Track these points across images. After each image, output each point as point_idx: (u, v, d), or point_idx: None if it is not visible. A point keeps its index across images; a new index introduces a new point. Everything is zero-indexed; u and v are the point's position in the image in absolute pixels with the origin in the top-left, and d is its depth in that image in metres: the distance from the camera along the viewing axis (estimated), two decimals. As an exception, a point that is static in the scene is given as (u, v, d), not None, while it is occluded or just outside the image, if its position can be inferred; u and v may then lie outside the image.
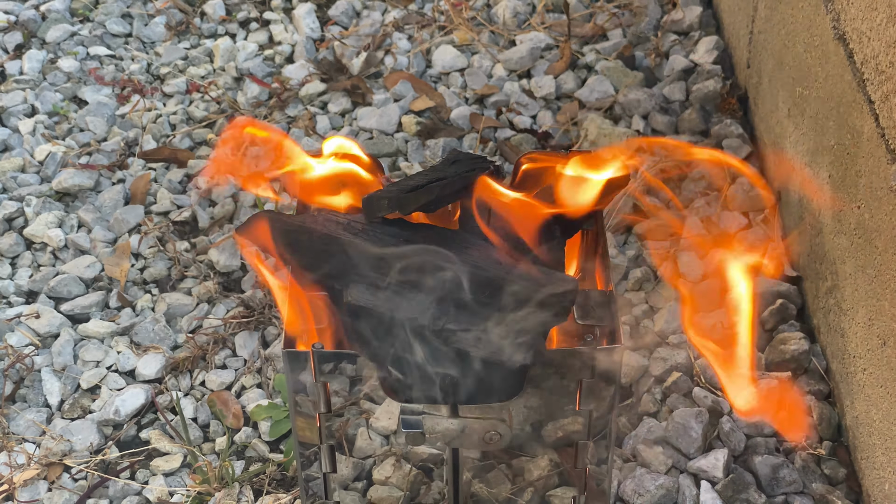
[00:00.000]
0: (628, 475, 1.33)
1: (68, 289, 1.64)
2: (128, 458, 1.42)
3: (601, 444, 1.09)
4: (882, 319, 1.22)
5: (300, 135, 1.87)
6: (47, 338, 1.58)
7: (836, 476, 1.34)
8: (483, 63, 2.02)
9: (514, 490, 1.14)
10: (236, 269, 1.67)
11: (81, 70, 2.07)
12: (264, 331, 1.56)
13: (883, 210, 1.20)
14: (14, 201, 1.78)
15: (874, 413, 1.26)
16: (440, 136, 1.87)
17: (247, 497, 1.35)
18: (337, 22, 2.17)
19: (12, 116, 1.96)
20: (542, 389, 1.05)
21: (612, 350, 1.03)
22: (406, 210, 1.06)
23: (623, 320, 1.54)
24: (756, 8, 1.76)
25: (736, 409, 1.31)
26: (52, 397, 1.50)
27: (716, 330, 1.05)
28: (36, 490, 1.39)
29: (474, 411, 1.05)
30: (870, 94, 1.24)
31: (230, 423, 1.45)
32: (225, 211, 1.76)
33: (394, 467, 1.29)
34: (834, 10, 1.36)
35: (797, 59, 1.53)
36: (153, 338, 1.56)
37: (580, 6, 2.13)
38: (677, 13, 2.05)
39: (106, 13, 2.21)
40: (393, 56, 2.05)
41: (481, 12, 2.14)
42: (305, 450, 1.12)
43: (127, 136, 1.92)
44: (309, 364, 1.04)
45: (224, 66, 2.07)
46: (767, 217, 1.55)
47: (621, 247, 1.65)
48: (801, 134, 1.52)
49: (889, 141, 1.18)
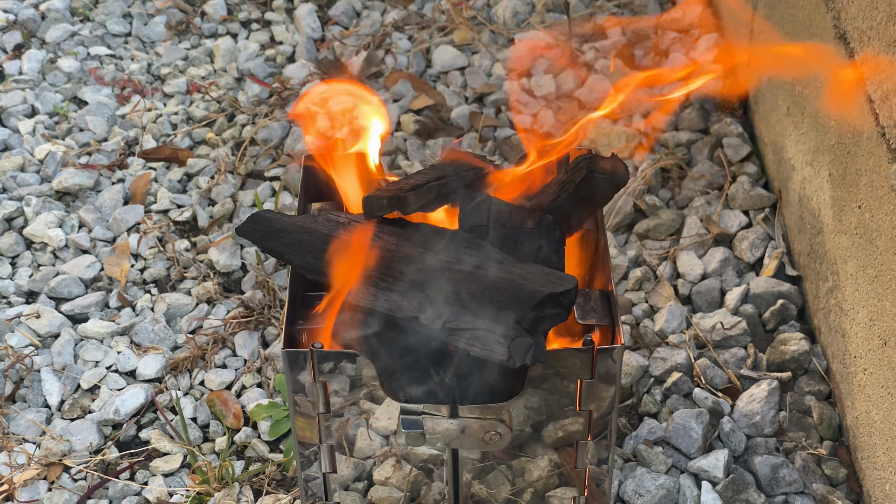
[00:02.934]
0: (629, 475, 1.33)
1: (68, 289, 1.64)
2: (127, 458, 1.42)
3: (601, 445, 1.09)
4: (883, 319, 1.22)
5: (300, 134, 1.87)
6: (47, 338, 1.58)
7: (836, 476, 1.34)
8: (483, 62, 2.02)
9: (514, 490, 1.14)
10: (236, 269, 1.67)
11: (82, 70, 2.07)
12: (264, 331, 1.56)
13: (883, 209, 1.20)
14: (14, 201, 1.78)
15: (875, 413, 1.26)
16: (440, 135, 1.87)
17: (246, 497, 1.35)
18: (337, 22, 2.17)
19: (12, 116, 1.96)
20: (542, 389, 1.05)
21: (612, 350, 1.02)
22: (405, 210, 1.07)
23: (623, 320, 1.54)
24: (756, 6, 1.76)
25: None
26: (52, 397, 1.50)
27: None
28: (36, 490, 1.39)
29: (474, 411, 1.04)
30: (870, 93, 1.23)
31: (230, 423, 1.45)
32: (225, 210, 1.76)
33: (394, 468, 1.29)
34: (834, 9, 1.36)
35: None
36: (153, 338, 1.56)
37: (580, 6, 2.12)
38: (677, 11, 2.05)
39: (106, 13, 2.21)
40: (393, 55, 2.05)
41: (481, 12, 2.14)
42: (305, 450, 1.12)
43: (127, 135, 1.92)
44: (308, 364, 1.04)
45: (225, 66, 2.07)
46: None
47: (621, 247, 1.65)
48: (801, 133, 1.52)
49: (889, 140, 1.18)
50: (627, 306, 1.56)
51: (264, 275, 1.61)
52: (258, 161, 1.85)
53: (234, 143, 1.89)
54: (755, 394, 1.40)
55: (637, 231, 1.66)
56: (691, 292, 1.57)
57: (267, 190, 1.79)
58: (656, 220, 1.66)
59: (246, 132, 1.90)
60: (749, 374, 1.44)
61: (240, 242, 1.69)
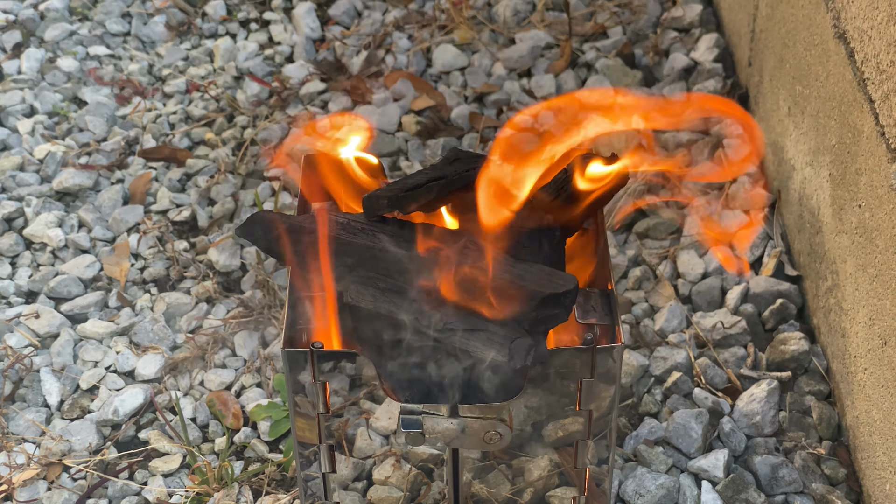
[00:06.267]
0: (629, 475, 1.33)
1: (68, 289, 1.64)
2: (126, 458, 1.42)
3: (601, 444, 1.09)
4: (883, 319, 1.22)
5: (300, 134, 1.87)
6: (47, 338, 1.58)
7: (836, 476, 1.34)
8: (483, 62, 2.02)
9: (514, 490, 1.14)
10: (236, 268, 1.67)
11: (81, 70, 2.07)
12: (264, 331, 1.56)
13: (883, 209, 1.20)
14: (14, 201, 1.78)
15: (875, 413, 1.26)
16: (440, 135, 1.87)
17: (246, 497, 1.35)
18: (338, 21, 2.17)
19: (11, 116, 1.96)
20: (542, 389, 1.04)
21: (612, 350, 1.02)
22: (405, 209, 1.06)
23: (623, 319, 1.54)
24: (757, 6, 1.76)
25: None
26: (52, 397, 1.50)
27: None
28: (35, 490, 1.38)
29: (474, 411, 1.04)
30: (870, 92, 1.23)
31: (230, 423, 1.45)
32: (224, 210, 1.75)
33: (394, 467, 1.29)
34: (834, 9, 1.36)
35: (797, 57, 1.52)
36: (152, 338, 1.56)
37: (580, 4, 2.12)
38: (677, 10, 2.05)
39: (105, 12, 2.21)
40: (393, 55, 2.05)
41: (482, 11, 2.14)
42: (305, 450, 1.12)
43: (127, 135, 1.92)
44: (308, 363, 1.04)
45: (224, 65, 2.07)
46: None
47: (621, 246, 1.65)
48: (801, 133, 1.52)
49: (889, 140, 1.18)
50: (627, 306, 1.56)
51: (264, 275, 1.61)
52: (258, 161, 1.85)
53: (234, 144, 1.89)
54: (755, 394, 1.40)
55: (637, 230, 1.66)
56: (691, 292, 1.57)
57: (267, 190, 1.79)
58: (656, 220, 1.66)
59: (246, 133, 1.89)
60: (749, 374, 1.44)
61: (240, 242, 1.69)
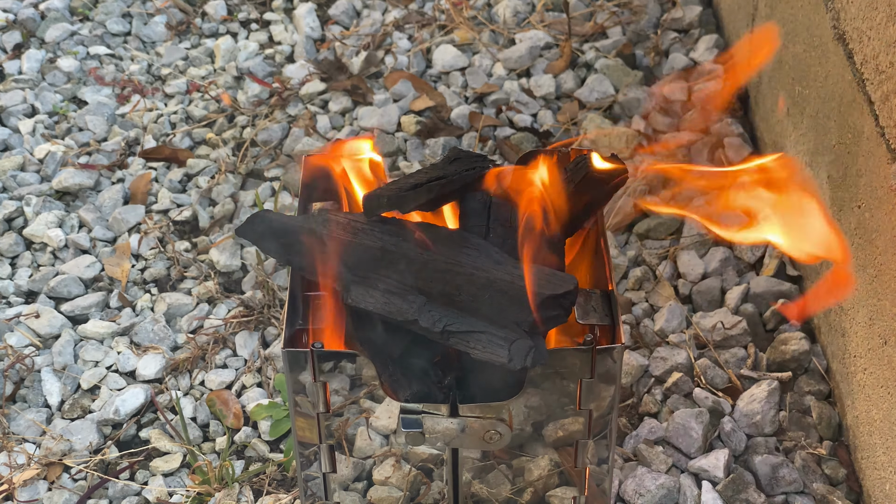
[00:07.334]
0: (629, 475, 1.33)
1: (68, 289, 1.64)
2: (127, 458, 1.42)
3: (601, 444, 1.09)
4: (883, 319, 1.22)
5: (300, 134, 1.87)
6: (47, 338, 1.58)
7: (836, 476, 1.34)
8: (483, 62, 2.02)
9: (514, 490, 1.14)
10: (236, 269, 1.67)
11: (81, 70, 2.07)
12: (264, 331, 1.56)
13: (883, 210, 1.20)
14: (14, 201, 1.78)
15: (875, 412, 1.26)
16: (440, 135, 1.87)
17: (247, 497, 1.35)
18: (337, 21, 2.17)
19: (12, 116, 1.96)
20: (542, 389, 1.05)
21: (612, 350, 1.02)
22: (405, 208, 1.06)
23: (623, 320, 1.54)
24: (756, 7, 1.76)
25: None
26: (52, 397, 1.50)
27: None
28: (36, 490, 1.39)
29: (474, 411, 1.04)
30: (870, 93, 1.23)
31: (230, 423, 1.45)
32: (225, 210, 1.76)
33: (394, 467, 1.29)
34: (834, 10, 1.36)
35: (797, 58, 1.52)
36: (153, 338, 1.56)
37: (580, 5, 2.12)
38: (677, 11, 2.05)
39: (106, 12, 2.21)
40: (393, 55, 2.05)
41: (482, 11, 2.14)
42: (305, 450, 1.12)
43: (128, 135, 1.92)
44: (308, 364, 1.04)
45: (224, 65, 2.07)
46: None
47: (622, 247, 1.65)
48: (800, 133, 1.52)
49: (889, 140, 1.18)
50: (627, 306, 1.56)
51: (264, 275, 1.61)
52: (258, 161, 1.85)
53: (234, 144, 1.89)
54: (755, 394, 1.40)
55: (637, 231, 1.66)
56: (691, 292, 1.57)
57: (267, 190, 1.79)
58: (656, 220, 1.66)
59: (246, 133, 1.89)
60: (749, 374, 1.44)
61: (240, 242, 1.69)
